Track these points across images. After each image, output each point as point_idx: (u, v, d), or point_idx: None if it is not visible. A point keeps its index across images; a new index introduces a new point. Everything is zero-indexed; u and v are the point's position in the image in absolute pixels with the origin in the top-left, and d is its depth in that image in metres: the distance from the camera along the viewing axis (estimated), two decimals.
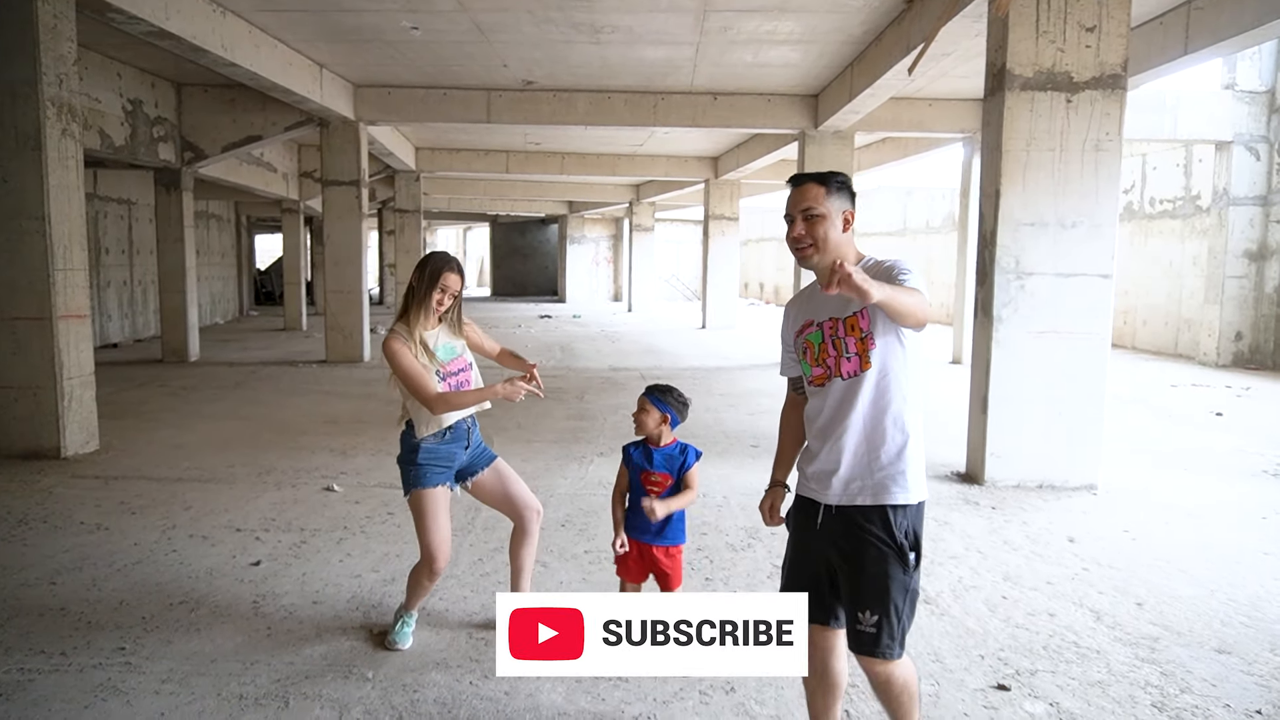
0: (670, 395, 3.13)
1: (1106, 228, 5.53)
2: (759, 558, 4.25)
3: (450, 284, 3.16)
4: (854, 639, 2.24)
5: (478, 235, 42.56)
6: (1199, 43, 7.61)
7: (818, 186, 2.28)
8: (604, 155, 18.42)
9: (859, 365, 2.23)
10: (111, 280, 15.02)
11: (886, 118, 11.70)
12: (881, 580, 2.19)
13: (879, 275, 2.21)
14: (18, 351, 6.10)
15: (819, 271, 2.29)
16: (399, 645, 3.23)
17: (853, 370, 2.24)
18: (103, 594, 3.72)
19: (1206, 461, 6.45)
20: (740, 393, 9.69)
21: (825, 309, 2.31)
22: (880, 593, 2.19)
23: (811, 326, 2.34)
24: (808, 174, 2.34)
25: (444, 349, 3.21)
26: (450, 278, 3.16)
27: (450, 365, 3.21)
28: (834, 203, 2.27)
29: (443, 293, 3.15)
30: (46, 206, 5.99)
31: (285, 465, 6.03)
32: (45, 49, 5.88)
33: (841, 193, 2.30)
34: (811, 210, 2.26)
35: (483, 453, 3.33)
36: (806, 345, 2.35)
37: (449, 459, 3.20)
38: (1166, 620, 3.57)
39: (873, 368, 2.22)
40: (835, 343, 2.27)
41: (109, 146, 10.10)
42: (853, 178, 12.32)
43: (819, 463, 2.30)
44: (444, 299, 3.16)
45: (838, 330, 2.27)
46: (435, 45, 9.42)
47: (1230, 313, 12.29)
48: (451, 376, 3.20)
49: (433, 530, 3.14)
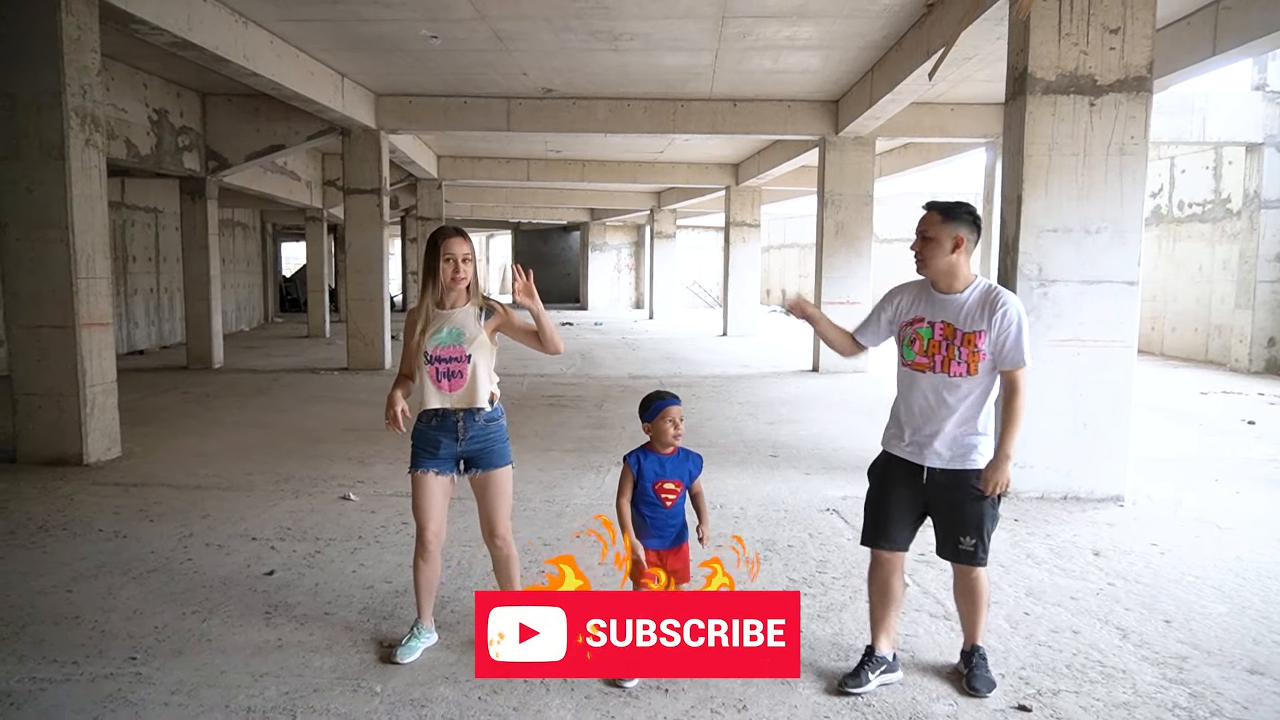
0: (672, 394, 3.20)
1: (1132, 233, 5.42)
2: (775, 571, 4.19)
3: (454, 250, 3.11)
4: (955, 555, 3.01)
5: (500, 242, 42.74)
6: (1227, 43, 7.47)
7: (936, 214, 2.96)
8: (624, 162, 18.43)
9: (967, 370, 2.93)
10: (138, 287, 15.23)
11: (908, 123, 11.59)
12: (977, 516, 2.96)
13: (986, 308, 2.91)
14: (42, 359, 6.17)
15: (934, 276, 3.00)
16: (398, 658, 3.17)
17: (961, 372, 2.93)
18: (117, 602, 3.73)
19: (1238, 472, 6.29)
20: (761, 401, 9.61)
21: (941, 312, 2.98)
22: (977, 523, 2.96)
23: (923, 323, 3.00)
24: (935, 203, 3.00)
25: (447, 332, 3.15)
26: (452, 243, 3.12)
27: (442, 350, 3.13)
28: (947, 229, 2.93)
29: (448, 262, 3.11)
30: (70, 216, 6.06)
31: (303, 473, 6.05)
32: (69, 60, 5.96)
33: (958, 221, 2.94)
34: (925, 233, 2.95)
35: (484, 452, 3.21)
36: (915, 336, 3.00)
37: (434, 445, 3.18)
38: (1196, 639, 3.46)
39: (978, 375, 2.93)
40: (948, 346, 2.94)
41: (135, 156, 10.24)
42: (874, 184, 12.31)
43: (921, 434, 2.98)
44: (454, 268, 3.11)
45: (954, 338, 2.94)
46: (455, 54, 9.46)
47: (1262, 318, 12.04)
48: (441, 363, 3.13)
49: (418, 510, 3.21)
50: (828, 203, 12.16)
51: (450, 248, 3.12)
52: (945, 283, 2.99)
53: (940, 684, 3.09)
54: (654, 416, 3.12)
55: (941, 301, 2.98)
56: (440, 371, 3.13)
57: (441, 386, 3.15)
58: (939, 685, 3.08)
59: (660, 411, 3.11)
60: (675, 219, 26.26)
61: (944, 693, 3.03)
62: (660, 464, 3.12)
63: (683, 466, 3.14)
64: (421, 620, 3.30)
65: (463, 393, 3.16)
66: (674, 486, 3.12)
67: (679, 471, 3.13)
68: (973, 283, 2.98)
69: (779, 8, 7.70)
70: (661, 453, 3.15)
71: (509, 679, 3.06)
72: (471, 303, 3.21)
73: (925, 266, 2.99)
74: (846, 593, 3.92)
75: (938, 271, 2.97)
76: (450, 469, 3.23)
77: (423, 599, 3.29)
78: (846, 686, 2.99)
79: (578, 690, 3.00)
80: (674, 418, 3.10)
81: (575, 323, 22.73)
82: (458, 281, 3.13)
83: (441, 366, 3.13)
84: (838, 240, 12.15)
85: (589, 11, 7.87)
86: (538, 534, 4.73)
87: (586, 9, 7.80)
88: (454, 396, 3.16)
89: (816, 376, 11.93)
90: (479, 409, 3.18)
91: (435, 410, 3.17)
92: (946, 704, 2.95)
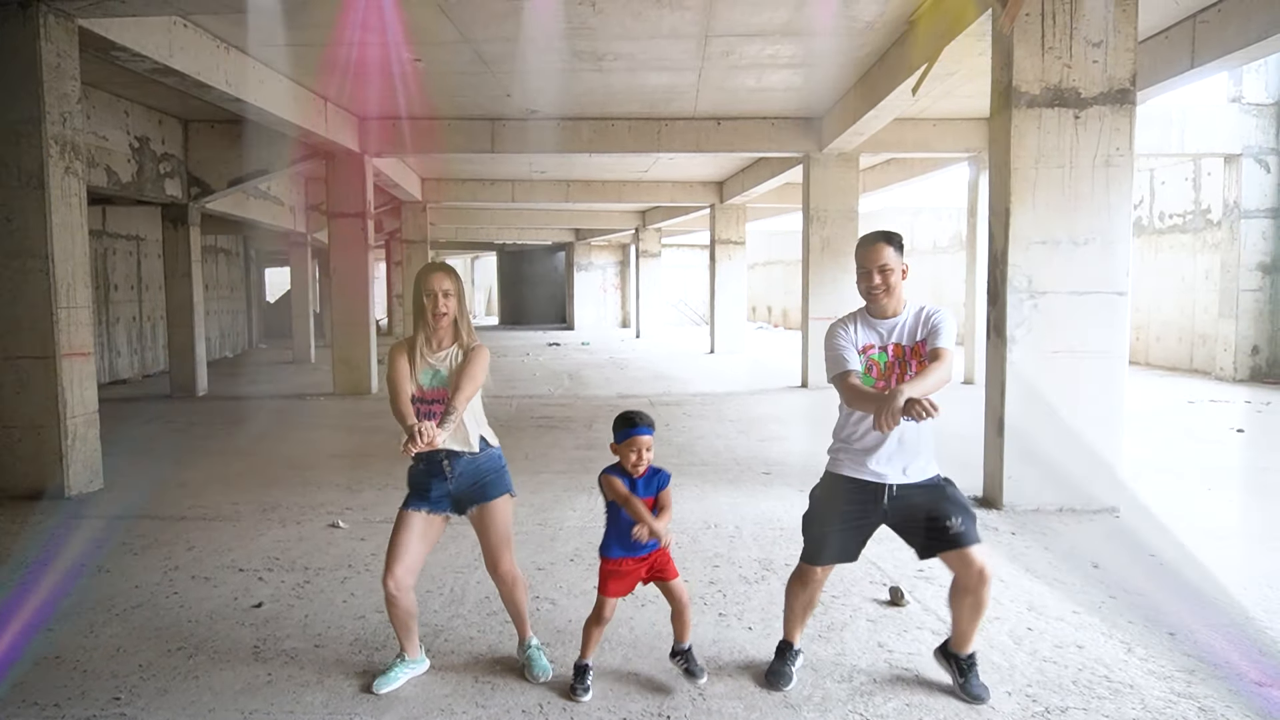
0: (648, 418, 3.09)
1: (1120, 244, 5.43)
2: (774, 590, 4.12)
3: (434, 285, 3.06)
4: (949, 541, 2.96)
5: (485, 264, 42.71)
6: (1205, 56, 7.55)
7: (889, 246, 3.06)
8: (609, 182, 18.45)
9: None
10: (121, 316, 15.05)
11: (891, 139, 11.66)
12: (955, 499, 3.02)
13: (922, 322, 3.06)
14: (21, 390, 6.05)
15: (888, 304, 3.09)
16: (375, 688, 3.08)
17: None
18: (100, 640, 3.62)
19: (1230, 480, 6.29)
20: (751, 419, 9.57)
21: (888, 337, 3.09)
22: (957, 504, 3.00)
23: (874, 349, 3.09)
24: (882, 234, 3.09)
25: (433, 375, 3.10)
26: (433, 279, 3.07)
27: (427, 393, 3.09)
28: (898, 258, 3.07)
29: (430, 298, 3.05)
30: (50, 245, 5.97)
31: (290, 501, 5.95)
32: (49, 88, 5.89)
33: (901, 250, 3.08)
34: (886, 265, 3.06)
35: (478, 487, 3.15)
36: (871, 363, 3.09)
37: (424, 488, 3.13)
38: (1202, 651, 3.42)
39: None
40: (901, 365, 3.06)
41: (116, 183, 10.14)
42: (858, 199, 12.36)
43: (881, 453, 3.03)
44: (437, 304, 3.05)
45: (904, 355, 3.06)
46: (438, 76, 9.45)
47: (1246, 326, 12.13)
48: (425, 405, 3.07)
49: (391, 546, 3.12)
50: (813, 219, 12.19)
51: (430, 284, 3.08)
52: (892, 308, 3.11)
53: (946, 702, 3.03)
54: (621, 441, 3.05)
55: (885, 327, 3.09)
56: (424, 414, 3.06)
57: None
58: (945, 704, 3.02)
59: (627, 440, 3.02)
60: (660, 238, 26.30)
61: (950, 713, 2.97)
62: (630, 485, 3.05)
63: (650, 485, 3.05)
64: (406, 653, 3.21)
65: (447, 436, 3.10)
66: (648, 504, 3.04)
67: (648, 491, 3.05)
68: (906, 304, 3.13)
69: (762, 26, 7.73)
70: (631, 474, 3.06)
71: (505, 709, 2.98)
72: (457, 344, 3.16)
73: (889, 295, 3.08)
74: (846, 611, 3.87)
75: (893, 299, 3.09)
76: (444, 509, 3.17)
77: (401, 635, 3.20)
78: (776, 687, 3.13)
79: (578, 718, 2.92)
80: (639, 447, 3.00)
81: (562, 343, 22.66)
82: (439, 317, 3.08)
83: (425, 409, 3.08)
84: (824, 256, 12.17)
85: (573, 32, 7.87)
86: (531, 558, 4.66)
87: (570, 30, 7.80)
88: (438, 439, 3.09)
89: (805, 392, 11.91)
90: (465, 452, 3.12)
91: (423, 456, 3.09)
92: None
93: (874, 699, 3.07)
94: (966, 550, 2.95)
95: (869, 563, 4.50)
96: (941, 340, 3.00)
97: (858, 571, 4.38)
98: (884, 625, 3.72)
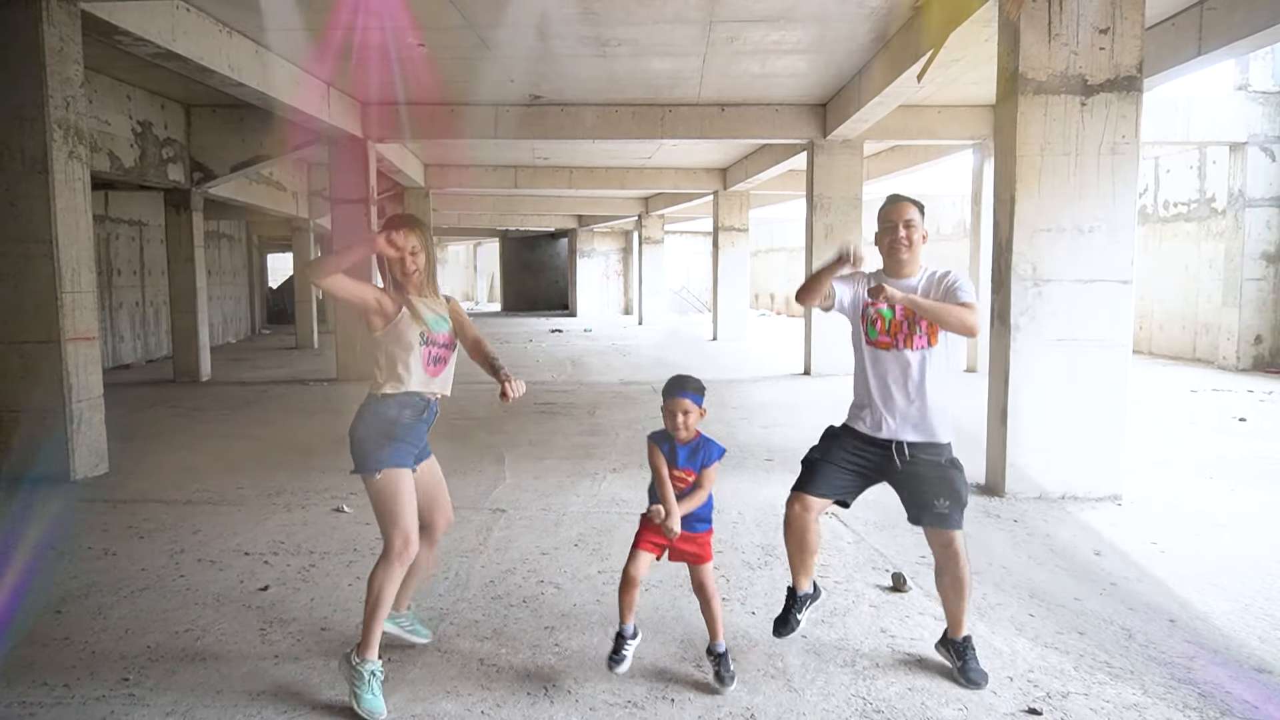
0: (696, 384, 3.09)
1: (1125, 232, 5.42)
2: (777, 576, 4.15)
3: (396, 239, 2.94)
4: (933, 519, 3.07)
5: (488, 250, 42.65)
6: (1212, 44, 7.51)
7: (914, 206, 3.16)
8: (612, 168, 18.40)
9: (928, 341, 3.08)
10: (124, 301, 15.07)
11: (895, 126, 11.61)
12: (949, 481, 3.07)
13: (936, 283, 3.11)
14: (26, 375, 6.07)
15: (907, 262, 3.15)
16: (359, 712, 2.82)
17: (922, 345, 3.08)
18: (108, 622, 3.65)
19: (1233, 469, 6.30)
20: (754, 405, 9.58)
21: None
22: (950, 488, 3.06)
23: (883, 304, 3.10)
24: (906, 196, 3.19)
25: (436, 318, 3.08)
26: (396, 235, 2.96)
27: (437, 336, 3.07)
28: (921, 219, 3.16)
29: (399, 250, 2.97)
30: (54, 230, 5.98)
31: (295, 486, 5.97)
32: (52, 72, 5.88)
33: (924, 214, 3.19)
34: (910, 220, 3.14)
35: (425, 443, 3.18)
36: (877, 316, 3.15)
37: (417, 436, 3.07)
38: (1201, 638, 3.45)
39: (938, 345, 3.09)
40: (909, 324, 3.08)
41: (118, 168, 10.14)
42: (862, 187, 12.32)
43: (887, 408, 3.10)
44: (405, 259, 2.99)
45: (913, 316, 3.06)
46: (442, 61, 9.41)
47: (1249, 316, 12.11)
48: (435, 347, 3.05)
49: (403, 513, 2.95)
50: (817, 206, 12.17)
51: (394, 237, 2.97)
52: (908, 269, 3.17)
53: (948, 686, 3.06)
54: (665, 400, 3.05)
55: (900, 287, 3.10)
56: (432, 355, 3.05)
57: (428, 370, 3.07)
58: (947, 688, 3.05)
59: (669, 400, 3.02)
60: (663, 224, 26.25)
61: (952, 696, 2.99)
62: (673, 451, 3.04)
63: (695, 458, 3.02)
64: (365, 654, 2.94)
65: (441, 380, 3.12)
66: (683, 475, 3.02)
67: (691, 462, 3.02)
68: (922, 267, 3.19)
69: (766, 12, 7.69)
70: (675, 439, 3.04)
71: (510, 691, 3.01)
72: (433, 291, 3.14)
73: (910, 250, 3.14)
74: (849, 597, 3.89)
75: (913, 257, 3.15)
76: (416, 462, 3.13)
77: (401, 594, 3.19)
78: (777, 634, 3.27)
79: (582, 702, 2.95)
80: (677, 409, 2.99)
81: (565, 330, 22.66)
82: (409, 267, 3.02)
83: (434, 350, 3.06)
84: (827, 244, 12.14)
85: (577, 17, 7.84)
86: (535, 543, 4.68)
87: (575, 15, 7.77)
88: (435, 383, 3.10)
89: (808, 380, 11.91)
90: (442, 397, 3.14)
91: (417, 394, 3.04)
92: (956, 708, 2.92)
93: (876, 683, 3.09)
94: (944, 531, 3.08)
95: (872, 549, 4.53)
96: (964, 297, 3.03)
97: (860, 557, 4.41)
98: (886, 610, 3.74)
